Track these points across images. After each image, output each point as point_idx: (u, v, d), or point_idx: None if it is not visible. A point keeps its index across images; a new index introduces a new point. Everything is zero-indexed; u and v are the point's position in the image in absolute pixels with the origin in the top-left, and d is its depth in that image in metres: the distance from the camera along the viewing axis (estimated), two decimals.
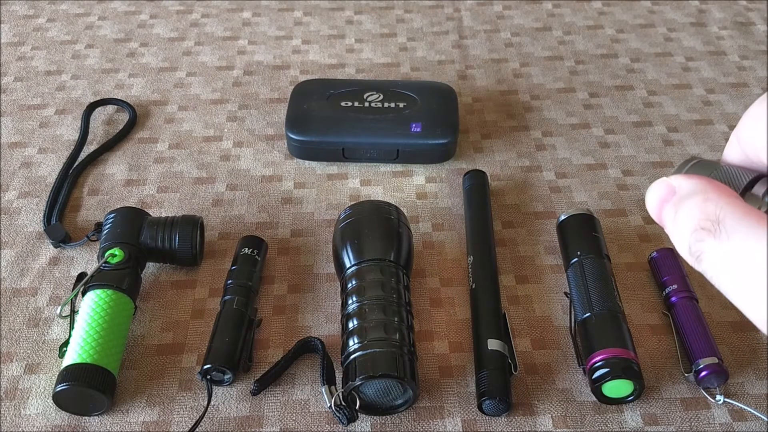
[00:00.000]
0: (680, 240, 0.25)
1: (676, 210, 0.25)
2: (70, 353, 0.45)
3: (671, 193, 0.26)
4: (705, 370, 0.45)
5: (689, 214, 0.25)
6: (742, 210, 0.23)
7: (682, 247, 0.25)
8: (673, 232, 0.26)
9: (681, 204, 0.25)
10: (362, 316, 0.45)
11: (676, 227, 0.25)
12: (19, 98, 0.70)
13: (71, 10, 0.82)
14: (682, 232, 0.25)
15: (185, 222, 0.52)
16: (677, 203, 0.25)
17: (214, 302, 0.51)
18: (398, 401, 0.44)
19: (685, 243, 0.24)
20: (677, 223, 0.25)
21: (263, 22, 0.81)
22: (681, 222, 0.25)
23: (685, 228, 0.25)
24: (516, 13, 0.82)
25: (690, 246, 0.24)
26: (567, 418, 0.45)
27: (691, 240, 0.24)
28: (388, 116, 0.61)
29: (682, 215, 0.25)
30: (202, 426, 0.44)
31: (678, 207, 0.25)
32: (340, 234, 0.51)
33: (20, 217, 0.58)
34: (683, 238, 0.25)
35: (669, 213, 0.26)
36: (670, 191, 0.26)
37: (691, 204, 0.25)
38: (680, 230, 0.25)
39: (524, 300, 0.52)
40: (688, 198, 0.25)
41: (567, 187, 0.61)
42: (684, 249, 0.25)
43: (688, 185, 0.26)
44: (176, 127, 0.67)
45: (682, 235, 0.25)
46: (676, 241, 0.25)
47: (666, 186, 0.27)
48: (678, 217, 0.25)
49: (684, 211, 0.25)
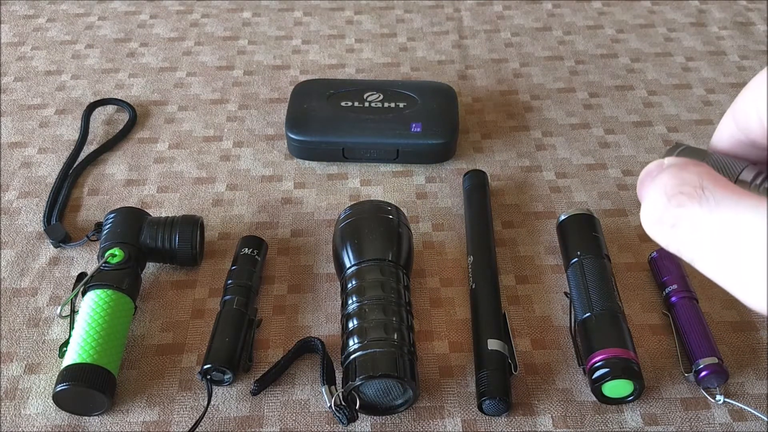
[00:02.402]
0: (648, 207, 0.23)
1: (653, 179, 0.24)
2: (70, 353, 0.45)
3: (659, 168, 0.24)
4: (705, 370, 0.45)
5: (666, 180, 0.23)
6: (727, 183, 0.22)
7: (648, 214, 0.23)
8: (644, 203, 0.24)
9: (659, 175, 0.24)
10: (362, 316, 0.45)
11: (648, 195, 0.23)
12: (19, 98, 0.70)
13: (71, 10, 0.82)
14: (652, 199, 0.23)
15: (185, 222, 0.52)
16: (657, 176, 0.24)
17: (214, 302, 0.51)
18: (398, 401, 0.44)
19: (653, 209, 0.22)
20: (650, 189, 0.23)
21: (263, 22, 0.81)
22: (652, 189, 0.23)
23: (656, 194, 0.23)
24: (516, 13, 0.82)
25: (662, 213, 0.22)
26: (567, 418, 0.45)
27: (667, 205, 0.22)
28: (388, 116, 0.61)
29: (657, 181, 0.23)
30: (202, 426, 0.44)
31: (656, 178, 0.24)
32: (340, 234, 0.51)
33: (20, 217, 0.58)
34: (652, 204, 0.23)
35: (645, 185, 0.24)
36: (658, 167, 0.25)
37: (669, 171, 0.23)
38: (650, 197, 0.23)
39: (524, 300, 0.52)
40: (668, 168, 0.23)
41: (567, 187, 0.61)
42: (653, 217, 0.23)
43: (673, 160, 0.24)
44: (176, 127, 0.67)
45: (652, 201, 0.23)
46: (644, 210, 0.23)
47: (656, 163, 0.25)
48: (653, 183, 0.23)
49: (660, 177, 0.23)
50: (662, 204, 0.22)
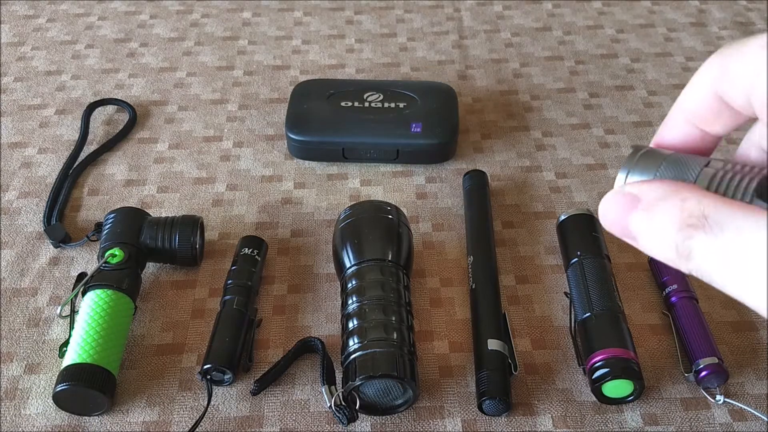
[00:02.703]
0: (663, 243, 0.24)
1: (651, 215, 0.24)
2: (70, 353, 0.45)
3: (635, 201, 0.25)
4: (705, 370, 0.45)
5: (669, 214, 0.24)
6: (723, 202, 0.23)
7: (666, 250, 0.24)
8: (651, 237, 0.24)
9: (655, 208, 0.24)
10: (362, 316, 0.45)
11: (656, 231, 0.24)
12: (19, 98, 0.70)
13: (71, 10, 0.82)
14: (665, 234, 0.24)
15: (185, 222, 0.52)
16: (649, 209, 0.24)
17: (214, 302, 0.51)
18: (398, 401, 0.44)
19: (671, 244, 0.23)
20: (656, 227, 0.24)
21: (263, 22, 0.81)
22: (661, 224, 0.24)
23: (668, 229, 0.24)
24: (516, 13, 0.82)
25: (677, 246, 0.23)
26: (567, 418, 0.45)
27: (678, 239, 0.23)
28: (388, 116, 0.61)
29: (660, 217, 0.24)
30: (202, 426, 0.44)
31: (652, 211, 0.24)
32: (340, 234, 0.51)
33: (20, 217, 0.58)
34: (668, 240, 0.24)
35: (640, 220, 0.25)
36: (632, 200, 0.25)
37: (668, 205, 0.24)
38: (662, 232, 0.24)
39: (524, 300, 0.52)
40: (662, 200, 0.24)
41: (567, 187, 0.61)
42: (668, 251, 0.24)
43: (654, 190, 0.25)
44: (176, 127, 0.67)
45: (665, 236, 0.24)
46: (658, 246, 0.24)
47: (627, 196, 0.25)
48: (656, 221, 0.24)
49: (662, 212, 0.24)
50: (675, 240, 0.23)
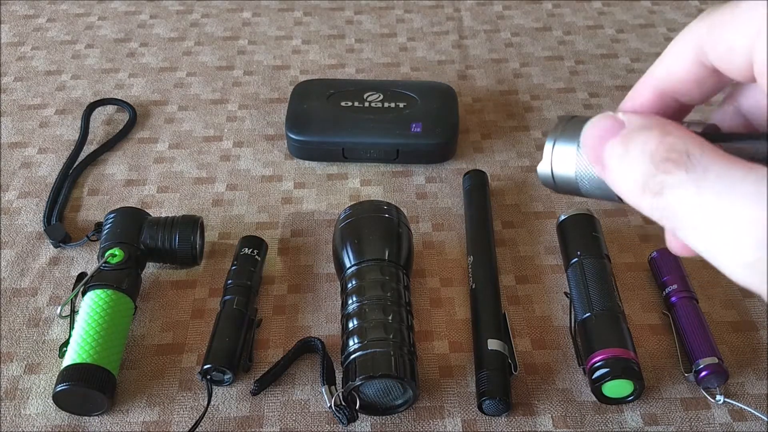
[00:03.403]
0: (631, 173, 0.22)
1: (627, 143, 0.22)
2: (70, 353, 0.45)
3: (618, 127, 0.23)
4: (705, 370, 0.45)
5: (646, 145, 0.22)
6: (711, 147, 0.21)
7: (631, 182, 0.22)
8: (620, 165, 0.22)
9: (633, 136, 0.22)
10: (362, 316, 0.45)
11: (627, 160, 0.22)
12: (19, 98, 0.70)
13: (71, 10, 0.82)
14: (636, 165, 0.22)
15: (185, 222, 0.52)
16: (627, 136, 0.23)
17: (214, 302, 0.51)
18: (398, 401, 0.44)
19: (638, 177, 0.22)
20: (629, 154, 0.22)
21: (263, 22, 0.81)
22: (635, 152, 0.22)
23: (640, 160, 0.22)
24: (516, 13, 0.82)
25: (646, 179, 0.21)
26: (567, 418, 0.45)
27: (651, 169, 0.21)
28: (388, 116, 0.61)
29: (636, 146, 0.22)
30: (202, 426, 0.44)
31: (629, 139, 0.22)
32: (340, 234, 0.51)
33: (20, 217, 0.58)
34: (637, 171, 0.22)
35: (615, 148, 0.23)
36: (616, 125, 0.23)
37: (649, 134, 0.22)
38: (634, 162, 0.22)
39: (524, 300, 0.52)
40: (643, 130, 0.22)
41: None
42: (634, 184, 0.22)
43: (639, 119, 0.23)
44: (176, 127, 0.67)
45: (636, 167, 0.22)
46: (625, 175, 0.22)
47: (611, 119, 0.24)
48: (630, 148, 0.22)
49: (639, 142, 0.22)
50: (648, 170, 0.21)
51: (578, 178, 0.26)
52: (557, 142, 0.26)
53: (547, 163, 0.27)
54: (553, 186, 0.27)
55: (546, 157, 0.27)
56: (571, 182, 0.26)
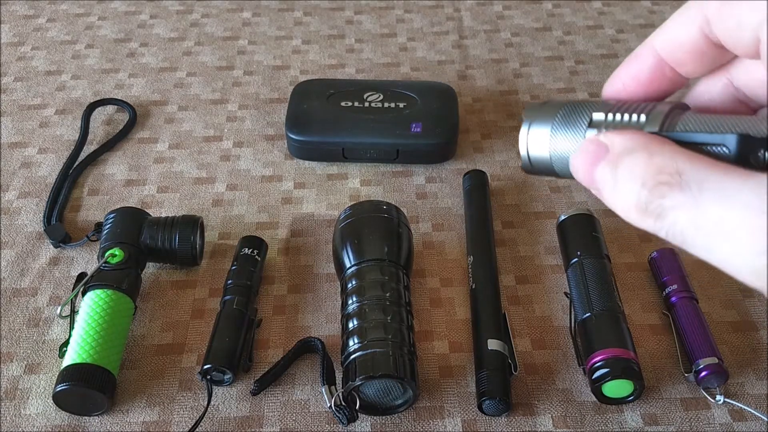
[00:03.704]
0: (626, 198, 0.22)
1: (616, 167, 0.23)
2: (70, 353, 0.45)
3: (603, 151, 0.24)
4: (705, 370, 0.45)
5: (634, 168, 0.22)
6: (699, 159, 0.21)
7: (628, 206, 0.23)
8: (614, 191, 0.23)
9: (620, 160, 0.23)
10: (362, 316, 0.45)
11: (619, 185, 0.23)
12: (19, 98, 0.70)
13: (71, 10, 0.82)
14: (628, 190, 0.22)
15: (185, 222, 0.52)
16: (615, 161, 0.23)
17: (214, 302, 0.51)
18: (398, 401, 0.44)
19: (633, 200, 0.22)
20: (620, 181, 0.23)
21: (263, 22, 0.81)
22: (625, 178, 0.23)
23: (631, 185, 0.22)
24: (516, 13, 0.82)
25: (645, 205, 0.22)
26: (567, 418, 0.45)
27: (648, 196, 0.22)
28: (388, 116, 0.61)
29: (625, 171, 0.23)
30: (202, 426, 0.44)
31: (617, 164, 0.23)
32: (340, 234, 0.51)
33: (20, 217, 0.58)
34: (631, 196, 0.22)
35: (604, 172, 0.23)
36: (600, 149, 0.24)
37: (635, 159, 0.22)
38: (626, 188, 0.22)
39: (524, 300, 0.52)
40: (629, 154, 0.23)
41: (567, 187, 0.61)
42: (631, 208, 0.22)
43: (622, 141, 0.23)
44: (176, 127, 0.67)
45: (628, 192, 0.22)
46: (621, 200, 0.23)
47: (595, 144, 0.24)
48: (620, 174, 0.23)
49: (627, 166, 0.23)
50: (643, 196, 0.22)
51: (553, 160, 0.27)
52: (532, 125, 0.27)
53: (524, 146, 0.28)
54: (530, 168, 0.28)
55: (522, 141, 0.27)
56: (546, 164, 0.27)
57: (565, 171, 0.27)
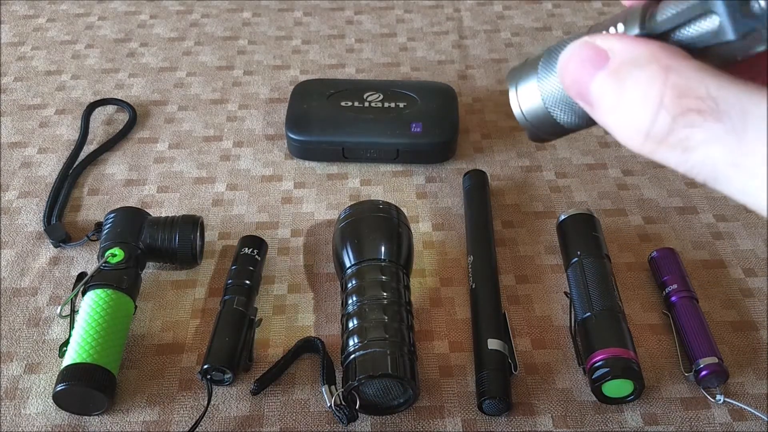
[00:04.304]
0: (635, 121, 0.19)
1: (620, 80, 0.19)
2: (70, 353, 0.45)
3: (602, 58, 0.20)
4: (705, 370, 0.45)
5: (650, 88, 0.19)
6: (732, 81, 0.18)
7: (637, 130, 0.19)
8: (615, 110, 0.20)
9: (626, 72, 0.19)
10: (362, 315, 0.45)
11: (625, 104, 0.19)
12: (19, 98, 0.70)
13: (71, 10, 0.82)
14: (639, 111, 0.19)
15: (185, 222, 0.52)
16: (619, 72, 0.19)
17: (214, 302, 0.51)
18: (398, 401, 0.44)
19: (644, 125, 0.19)
20: (626, 99, 0.19)
21: (263, 22, 0.81)
22: (634, 96, 0.19)
23: (644, 106, 0.19)
24: (516, 13, 0.82)
25: (667, 132, 0.18)
26: (567, 417, 0.45)
27: (671, 124, 0.18)
28: (388, 116, 0.61)
29: (634, 87, 0.19)
30: (203, 426, 0.44)
31: (622, 76, 0.19)
32: (340, 234, 0.51)
33: (20, 217, 0.58)
34: (642, 118, 0.19)
35: (604, 85, 0.20)
36: (599, 55, 0.20)
37: (646, 73, 0.19)
38: (636, 108, 0.19)
39: (524, 300, 0.52)
40: (637, 66, 0.19)
41: (567, 187, 0.61)
42: (641, 133, 0.19)
43: (624, 46, 0.20)
44: (176, 127, 0.67)
45: (639, 114, 0.19)
46: (625, 123, 0.19)
47: (592, 48, 0.20)
48: (627, 90, 0.19)
49: (636, 81, 0.19)
50: (663, 122, 0.18)
51: (548, 104, 0.25)
52: (519, 84, 0.26)
53: (516, 106, 0.26)
54: (529, 126, 0.26)
55: (513, 102, 0.26)
56: (543, 113, 0.25)
57: (567, 116, 0.24)
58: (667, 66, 0.18)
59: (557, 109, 0.25)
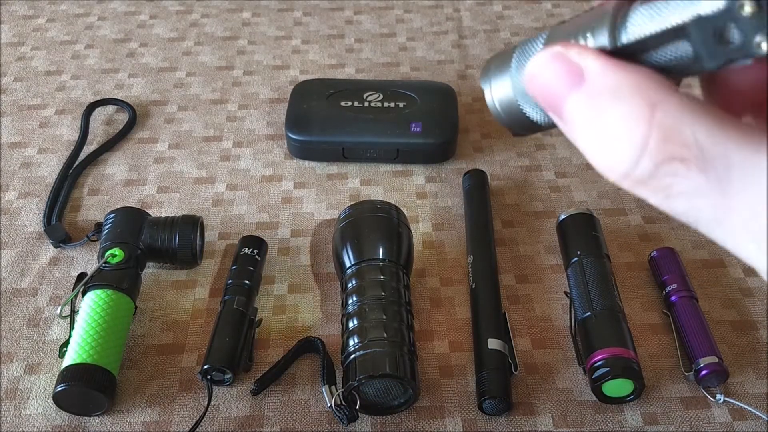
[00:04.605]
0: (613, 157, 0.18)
1: (597, 110, 0.18)
2: (70, 353, 0.45)
3: (576, 76, 0.18)
4: (705, 370, 0.45)
5: (629, 124, 0.17)
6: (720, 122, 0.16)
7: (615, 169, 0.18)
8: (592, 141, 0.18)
9: (604, 103, 0.18)
10: (362, 315, 0.45)
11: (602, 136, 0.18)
12: (19, 98, 0.70)
13: (71, 10, 0.82)
14: (618, 148, 0.17)
15: (185, 222, 0.52)
16: (595, 100, 0.18)
17: (214, 302, 0.51)
18: (398, 401, 0.44)
19: (624, 165, 0.17)
20: (603, 131, 0.18)
21: (263, 22, 0.81)
22: (613, 131, 0.17)
23: (624, 143, 0.17)
24: (516, 13, 0.82)
25: (648, 177, 0.17)
26: (567, 417, 0.45)
27: (652, 171, 0.17)
28: (388, 116, 0.61)
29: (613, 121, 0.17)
30: (203, 426, 0.44)
31: (599, 106, 0.18)
32: (340, 234, 0.51)
33: (20, 217, 0.58)
34: (622, 157, 0.17)
35: (578, 108, 0.18)
36: (573, 73, 0.18)
37: (628, 108, 0.17)
38: (614, 143, 0.17)
39: (524, 299, 0.52)
40: (616, 97, 0.17)
41: (567, 187, 0.61)
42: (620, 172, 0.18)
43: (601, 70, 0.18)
44: (176, 127, 0.67)
45: (618, 151, 0.17)
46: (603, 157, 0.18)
47: (567, 64, 0.18)
48: (604, 122, 0.18)
49: (616, 115, 0.17)
50: (645, 167, 0.17)
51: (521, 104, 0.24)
52: (492, 80, 0.25)
53: (490, 99, 0.25)
54: (505, 121, 0.25)
55: (488, 96, 0.25)
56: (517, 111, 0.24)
57: (539, 115, 0.23)
58: (653, 103, 0.17)
59: (528, 106, 0.23)
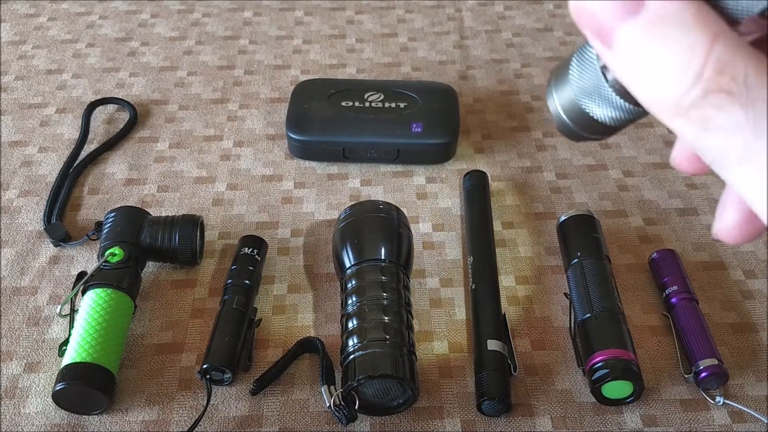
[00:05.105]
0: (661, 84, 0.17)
1: (654, 35, 0.17)
2: (70, 352, 0.45)
3: (634, 5, 0.17)
4: (705, 372, 0.45)
5: (687, 50, 0.17)
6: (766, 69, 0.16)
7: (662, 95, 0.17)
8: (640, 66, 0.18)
9: (662, 28, 0.17)
10: (362, 316, 0.45)
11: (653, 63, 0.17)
12: (19, 97, 0.70)
13: (72, 9, 0.82)
14: (668, 75, 0.17)
15: (185, 221, 0.52)
16: (653, 26, 0.17)
17: (214, 302, 0.51)
18: (398, 401, 0.44)
19: (672, 92, 0.17)
20: (656, 57, 0.17)
21: (264, 21, 0.81)
22: (667, 57, 0.17)
23: (676, 70, 0.17)
24: (517, 14, 0.82)
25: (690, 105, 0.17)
26: (566, 419, 0.45)
27: (697, 99, 0.17)
28: (389, 116, 0.61)
29: (668, 47, 0.17)
30: (202, 425, 0.44)
31: (656, 31, 0.17)
32: (340, 234, 0.51)
33: (20, 215, 0.58)
34: (670, 84, 0.17)
35: (632, 34, 0.17)
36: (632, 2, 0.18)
37: (687, 36, 0.17)
38: (665, 71, 0.17)
39: (524, 300, 0.52)
40: (675, 24, 0.17)
41: (567, 188, 0.61)
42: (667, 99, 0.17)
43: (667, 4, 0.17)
44: (177, 126, 0.67)
45: (668, 78, 0.17)
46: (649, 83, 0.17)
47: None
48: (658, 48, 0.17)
49: (673, 41, 0.17)
50: (692, 94, 0.17)
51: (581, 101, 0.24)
52: (556, 90, 0.25)
53: (554, 107, 0.25)
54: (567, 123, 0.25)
55: (551, 105, 0.25)
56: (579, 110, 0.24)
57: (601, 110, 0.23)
58: (715, 34, 0.16)
59: (591, 102, 0.23)
